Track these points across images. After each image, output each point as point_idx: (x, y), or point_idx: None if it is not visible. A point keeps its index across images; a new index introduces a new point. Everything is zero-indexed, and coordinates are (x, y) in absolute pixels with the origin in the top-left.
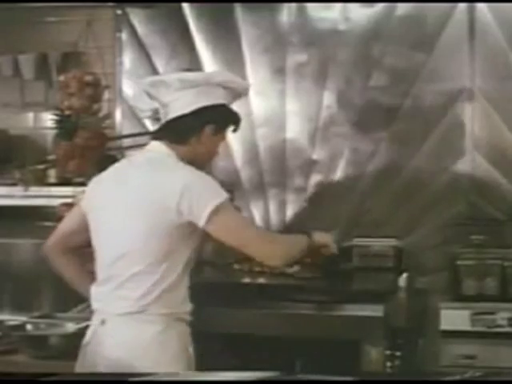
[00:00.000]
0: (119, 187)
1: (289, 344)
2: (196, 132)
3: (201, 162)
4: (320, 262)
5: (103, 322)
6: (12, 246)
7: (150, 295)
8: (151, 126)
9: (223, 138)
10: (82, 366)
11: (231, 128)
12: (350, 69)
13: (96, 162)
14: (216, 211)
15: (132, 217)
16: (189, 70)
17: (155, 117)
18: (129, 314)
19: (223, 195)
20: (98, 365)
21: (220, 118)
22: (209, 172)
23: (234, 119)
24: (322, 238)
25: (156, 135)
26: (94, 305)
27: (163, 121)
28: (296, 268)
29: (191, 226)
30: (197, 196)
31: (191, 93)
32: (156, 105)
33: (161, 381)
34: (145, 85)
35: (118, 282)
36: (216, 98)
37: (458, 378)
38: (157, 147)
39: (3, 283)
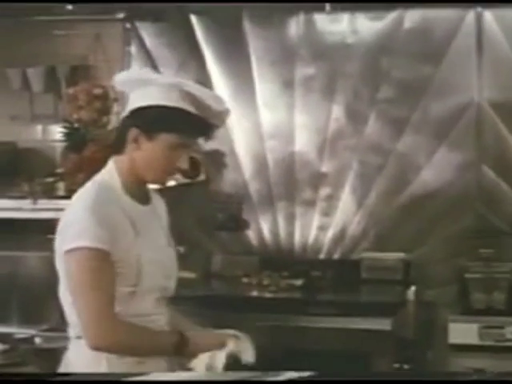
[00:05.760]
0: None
1: (297, 357)
2: (123, 137)
3: (143, 175)
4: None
5: None
6: (20, 259)
7: None
8: None
9: (175, 147)
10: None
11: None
12: (358, 81)
13: None
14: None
15: None
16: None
17: None
18: None
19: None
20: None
21: (149, 120)
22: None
23: (181, 125)
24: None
25: None
26: None
27: None
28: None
29: None
30: None
31: (136, 93)
32: None
33: (171, 381)
34: (117, 83)
35: None
36: (160, 99)
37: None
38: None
39: (12, 296)
